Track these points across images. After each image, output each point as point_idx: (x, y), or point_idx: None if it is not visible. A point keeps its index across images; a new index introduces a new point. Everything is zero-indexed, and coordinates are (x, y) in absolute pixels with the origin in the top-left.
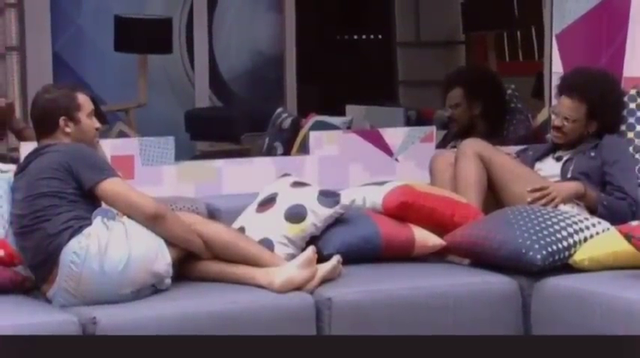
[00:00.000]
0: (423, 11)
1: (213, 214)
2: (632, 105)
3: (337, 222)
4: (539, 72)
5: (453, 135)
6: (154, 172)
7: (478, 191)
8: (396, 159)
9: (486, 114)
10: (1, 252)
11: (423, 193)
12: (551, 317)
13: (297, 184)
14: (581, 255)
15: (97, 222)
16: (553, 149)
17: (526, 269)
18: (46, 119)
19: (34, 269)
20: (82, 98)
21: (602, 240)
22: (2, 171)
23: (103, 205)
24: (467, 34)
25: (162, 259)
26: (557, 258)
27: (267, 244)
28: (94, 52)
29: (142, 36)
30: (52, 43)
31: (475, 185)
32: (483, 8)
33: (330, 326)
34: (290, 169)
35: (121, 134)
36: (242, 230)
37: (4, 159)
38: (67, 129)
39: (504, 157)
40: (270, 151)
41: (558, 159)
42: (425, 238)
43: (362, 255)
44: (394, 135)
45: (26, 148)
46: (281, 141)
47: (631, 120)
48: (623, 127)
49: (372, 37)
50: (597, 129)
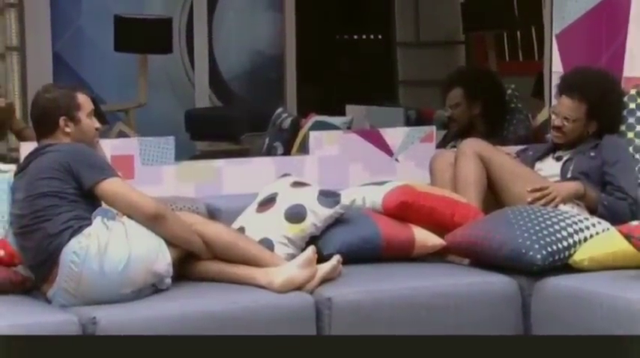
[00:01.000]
0: (423, 11)
1: (213, 214)
2: (632, 105)
3: (337, 222)
4: (539, 72)
5: (452, 135)
6: (153, 172)
7: (478, 191)
8: (396, 159)
9: (486, 114)
10: (1, 252)
11: (422, 193)
12: (551, 317)
13: (297, 184)
14: (581, 255)
15: (97, 222)
16: (553, 149)
17: (526, 269)
18: (46, 119)
19: (34, 269)
20: (82, 98)
21: (602, 240)
22: (2, 171)
23: (103, 205)
24: (467, 34)
25: (163, 259)
26: (557, 257)
27: (267, 244)
28: (94, 52)
29: (141, 36)
30: (52, 43)
31: (475, 185)
32: (483, 8)
33: (330, 326)
34: (290, 169)
35: (121, 134)
36: (242, 230)
37: (4, 159)
38: (67, 129)
39: (504, 157)
40: (270, 151)
41: (558, 159)
42: (425, 238)
43: (362, 255)
44: (394, 135)
45: (26, 148)
46: (281, 141)
47: (631, 120)
48: (623, 127)
49: (372, 37)
50: (597, 129)
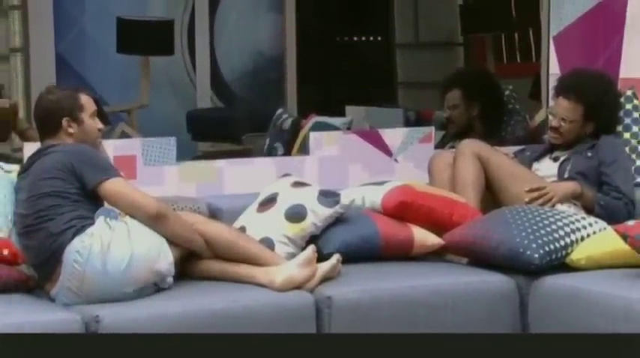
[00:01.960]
0: (422, 13)
1: (214, 214)
2: (629, 106)
3: (337, 221)
4: (537, 73)
5: (451, 135)
6: (155, 172)
7: (476, 191)
8: (395, 160)
9: (484, 115)
10: (5, 252)
11: (421, 193)
12: (549, 316)
13: (298, 184)
14: (578, 254)
15: (99, 221)
16: (550, 149)
17: (524, 268)
18: (49, 120)
19: (38, 269)
20: (85, 99)
21: (598, 239)
22: (6, 172)
23: (106, 205)
24: (465, 36)
25: (165, 258)
26: (554, 257)
27: (267, 243)
28: (97, 53)
29: (144, 38)
30: (55, 44)
31: (473, 185)
32: (481, 10)
33: (329, 324)
34: (290, 169)
35: (124, 134)
36: (243, 229)
37: (7, 159)
38: (70, 130)
39: (502, 158)
40: (270, 152)
41: (555, 159)
42: (424, 237)
43: (361, 254)
44: (393, 135)
45: (30, 149)
46: (281, 141)
47: (627, 120)
48: (620, 128)
49: (371, 38)
50: (594, 129)
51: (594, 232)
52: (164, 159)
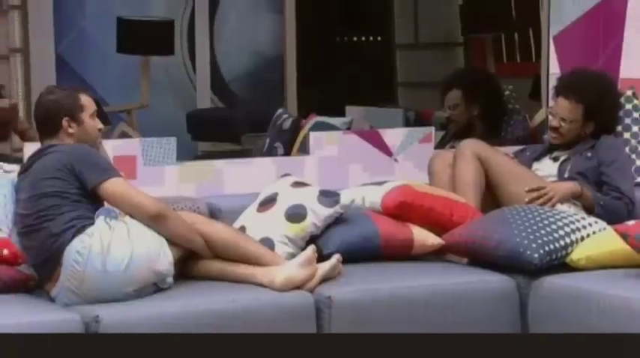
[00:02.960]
0: (422, 13)
1: (214, 214)
2: (629, 106)
3: (337, 221)
4: (537, 73)
5: (451, 135)
6: (156, 172)
7: (476, 191)
8: (395, 160)
9: (484, 115)
10: (5, 252)
11: (421, 193)
12: (549, 316)
13: (298, 184)
14: (577, 254)
15: (99, 221)
16: (550, 149)
17: (523, 268)
18: (49, 120)
19: (38, 269)
20: (85, 99)
21: (598, 239)
22: (6, 172)
23: (106, 205)
24: (465, 36)
25: (164, 258)
26: (554, 257)
27: (267, 243)
28: (97, 53)
29: (144, 38)
30: (55, 44)
31: (473, 185)
32: (481, 10)
33: (330, 324)
34: (290, 169)
35: (124, 135)
36: (243, 229)
37: (7, 159)
38: (70, 130)
39: (502, 157)
40: (270, 152)
41: (555, 159)
42: (424, 237)
43: (361, 254)
44: (393, 135)
45: (30, 149)
46: (281, 141)
47: (627, 121)
48: (620, 128)
49: (371, 38)
50: (594, 129)
51: (594, 232)
52: (164, 159)
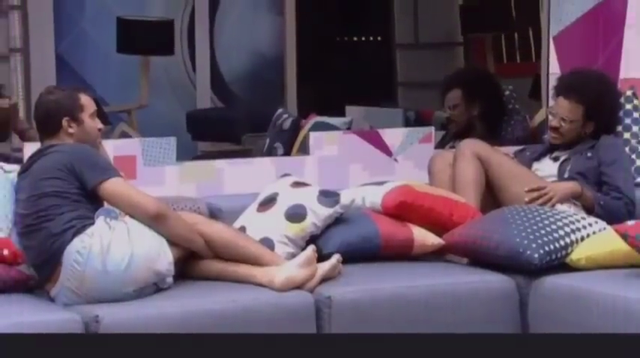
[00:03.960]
0: (422, 13)
1: (214, 214)
2: (629, 106)
3: (337, 221)
4: (537, 73)
5: (451, 135)
6: (155, 172)
7: (476, 191)
8: (395, 160)
9: (484, 115)
10: (5, 251)
11: (421, 193)
12: (548, 316)
13: (298, 184)
14: (577, 254)
15: (99, 221)
16: (550, 149)
17: (523, 268)
18: (49, 120)
19: (38, 269)
20: (85, 99)
21: (598, 239)
22: (6, 172)
23: (106, 205)
24: (465, 36)
25: (164, 258)
26: (554, 257)
27: (267, 243)
28: (97, 53)
29: (144, 38)
30: (55, 44)
31: (473, 185)
32: (481, 10)
33: (329, 324)
34: (290, 169)
35: (124, 135)
36: (243, 229)
37: (7, 159)
38: (70, 130)
39: (502, 157)
40: (270, 152)
41: (555, 159)
42: (424, 237)
43: (361, 254)
44: (393, 135)
45: (30, 149)
46: (281, 141)
47: (627, 121)
48: (620, 128)
49: (371, 38)
50: (594, 129)
51: (594, 232)
52: (164, 159)
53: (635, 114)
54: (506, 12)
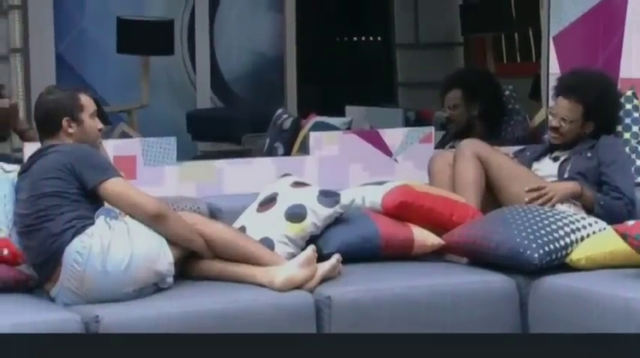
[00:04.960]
0: (422, 13)
1: (214, 214)
2: (629, 106)
3: (337, 221)
4: (537, 73)
5: (451, 135)
6: (155, 172)
7: (476, 191)
8: (395, 160)
9: (484, 115)
10: (5, 251)
11: (421, 193)
12: (549, 316)
13: (298, 184)
14: (577, 254)
15: (99, 221)
16: (550, 149)
17: (524, 268)
18: (49, 120)
19: (38, 269)
20: (85, 99)
21: (598, 239)
22: (6, 172)
23: (106, 205)
24: (465, 36)
25: (165, 258)
26: (554, 257)
27: (267, 243)
28: (97, 53)
29: (144, 38)
30: (55, 44)
31: (473, 185)
32: (481, 10)
33: (329, 324)
34: (290, 169)
35: (124, 135)
36: (243, 229)
37: (7, 159)
38: (70, 130)
39: (502, 158)
40: (270, 152)
41: (555, 159)
42: (424, 237)
43: (361, 254)
44: (393, 135)
45: (30, 149)
46: (282, 141)
47: (627, 121)
48: (620, 128)
49: (371, 38)
50: (594, 129)
51: (594, 232)
52: (164, 159)
53: (635, 114)
54: (506, 12)
